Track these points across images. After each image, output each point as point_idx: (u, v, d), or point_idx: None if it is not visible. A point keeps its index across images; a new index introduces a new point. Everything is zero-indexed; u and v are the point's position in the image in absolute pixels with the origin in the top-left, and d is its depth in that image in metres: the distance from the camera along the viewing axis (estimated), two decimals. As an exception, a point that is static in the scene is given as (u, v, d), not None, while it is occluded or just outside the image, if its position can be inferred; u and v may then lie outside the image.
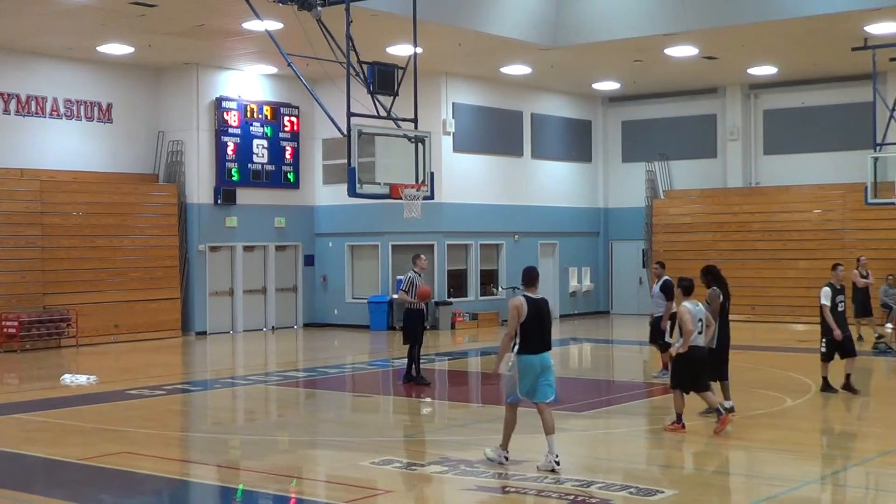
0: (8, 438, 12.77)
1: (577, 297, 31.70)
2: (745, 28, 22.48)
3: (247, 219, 27.05)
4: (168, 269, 25.65)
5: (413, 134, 14.64)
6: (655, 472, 11.12)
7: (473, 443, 12.50)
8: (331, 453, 12.33)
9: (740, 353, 17.95)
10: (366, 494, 9.97)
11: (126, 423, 13.77)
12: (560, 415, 14.26)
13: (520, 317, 10.58)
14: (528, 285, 10.85)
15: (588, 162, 32.29)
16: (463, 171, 27.67)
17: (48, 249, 23.49)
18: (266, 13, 16.83)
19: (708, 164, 30.81)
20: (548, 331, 10.78)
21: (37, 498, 9.98)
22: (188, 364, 22.19)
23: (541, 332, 10.67)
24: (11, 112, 23.66)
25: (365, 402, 16.35)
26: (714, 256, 29.38)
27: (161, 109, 26.33)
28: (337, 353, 23.55)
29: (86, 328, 23.69)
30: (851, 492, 10.36)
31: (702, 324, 12.67)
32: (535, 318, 10.61)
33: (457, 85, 27.61)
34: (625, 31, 23.19)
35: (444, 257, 27.53)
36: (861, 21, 21.59)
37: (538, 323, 10.64)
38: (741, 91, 29.99)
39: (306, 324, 28.67)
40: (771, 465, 11.11)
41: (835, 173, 28.36)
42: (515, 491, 9.90)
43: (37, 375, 19.43)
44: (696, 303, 12.78)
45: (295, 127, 27.95)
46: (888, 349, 21.03)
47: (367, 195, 14.54)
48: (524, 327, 10.60)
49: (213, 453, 12.19)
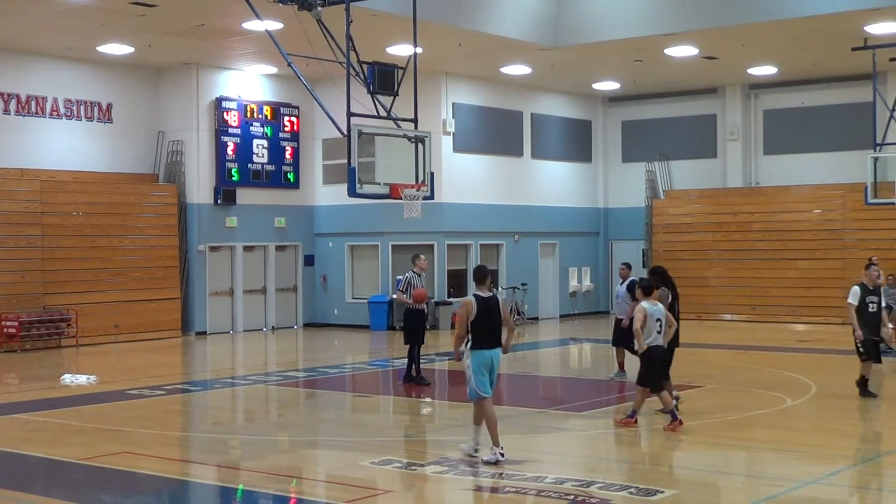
0: (8, 438, 12.77)
1: (577, 297, 31.70)
2: (745, 28, 22.47)
3: (247, 219, 27.05)
4: (168, 269, 25.65)
5: (413, 134, 14.64)
6: (655, 472, 11.13)
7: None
8: (331, 453, 12.33)
9: (740, 353, 18.04)
10: (366, 494, 9.97)
11: (126, 423, 13.76)
12: (560, 415, 14.27)
13: (469, 315, 10.97)
14: (479, 283, 11.29)
15: (588, 162, 32.30)
16: (463, 171, 27.67)
17: (48, 249, 23.49)
18: (266, 13, 16.83)
19: (708, 164, 30.81)
20: (498, 327, 11.12)
21: (37, 498, 9.98)
22: (188, 364, 22.19)
23: (490, 329, 11.04)
24: (11, 112, 23.66)
25: (365, 402, 16.34)
26: (714, 256, 29.47)
27: (161, 109, 26.33)
28: (337, 353, 23.55)
29: (86, 328, 23.69)
30: (851, 492, 10.36)
31: (660, 324, 12.76)
32: (484, 315, 11.00)
33: (457, 85, 27.61)
34: (625, 31, 23.19)
35: (444, 257, 27.53)
36: (861, 21, 21.59)
37: (488, 319, 11.02)
38: (741, 91, 29.99)
39: (306, 324, 28.67)
40: (771, 465, 11.11)
41: (835, 173, 28.35)
42: (515, 491, 9.90)
43: (37, 375, 19.43)
44: (655, 303, 12.86)
45: (295, 127, 27.95)
46: (888, 349, 21.02)
47: (367, 195, 14.54)
48: (474, 325, 10.98)
49: (213, 453, 12.19)
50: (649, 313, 12.65)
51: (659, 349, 12.75)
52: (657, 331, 12.69)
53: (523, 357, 21.57)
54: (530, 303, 29.31)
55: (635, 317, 12.76)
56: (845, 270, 26.93)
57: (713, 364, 17.48)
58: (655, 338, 12.68)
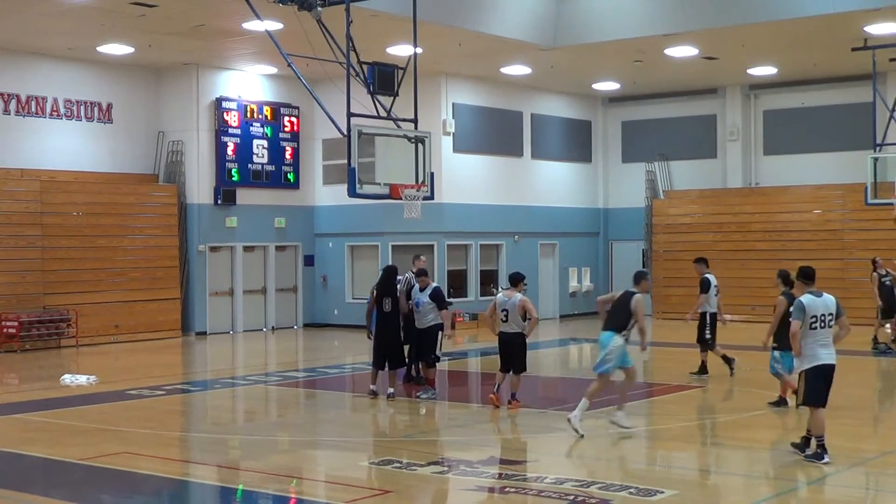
0: (8, 438, 12.78)
1: (577, 297, 31.69)
2: (745, 28, 22.47)
3: (247, 219, 27.05)
4: (168, 270, 25.64)
5: (413, 134, 14.65)
6: (655, 472, 11.13)
7: (473, 443, 12.52)
8: (331, 453, 12.34)
9: (740, 353, 17.97)
10: (366, 494, 9.97)
11: (126, 423, 13.77)
12: (560, 415, 14.26)
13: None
14: (637, 283, 13.10)
15: (588, 162, 32.30)
16: (463, 172, 27.67)
17: (48, 249, 23.49)
18: (266, 13, 16.84)
19: (708, 165, 30.81)
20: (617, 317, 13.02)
21: (37, 498, 9.98)
22: (188, 364, 22.20)
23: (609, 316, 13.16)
24: (11, 112, 23.66)
25: (365, 402, 16.34)
26: (714, 257, 29.35)
27: (161, 109, 26.33)
28: (337, 352, 23.55)
29: (86, 328, 23.68)
30: (851, 492, 10.36)
31: (506, 314, 14.37)
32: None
33: (457, 85, 27.61)
34: (625, 32, 23.19)
35: (444, 257, 27.52)
36: (861, 21, 21.60)
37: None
38: (741, 91, 29.99)
39: (306, 324, 28.67)
40: (771, 465, 11.11)
41: (835, 173, 28.35)
42: (515, 491, 9.90)
43: (37, 375, 19.42)
44: (511, 296, 14.46)
45: (295, 127, 27.95)
46: (888, 349, 21.03)
47: (367, 195, 14.55)
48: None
49: (213, 453, 12.20)
50: (498, 302, 14.70)
51: (504, 335, 14.81)
52: (501, 319, 14.64)
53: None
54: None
55: (526, 306, 14.50)
56: (845, 270, 26.94)
57: (713, 364, 17.45)
58: (502, 325, 14.66)
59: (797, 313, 11.01)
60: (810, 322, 10.96)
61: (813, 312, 10.98)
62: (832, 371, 11.11)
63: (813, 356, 10.99)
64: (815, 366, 11.00)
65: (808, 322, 10.96)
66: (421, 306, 15.64)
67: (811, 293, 11.18)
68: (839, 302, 11.24)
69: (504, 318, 14.49)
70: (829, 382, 11.15)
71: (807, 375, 11.05)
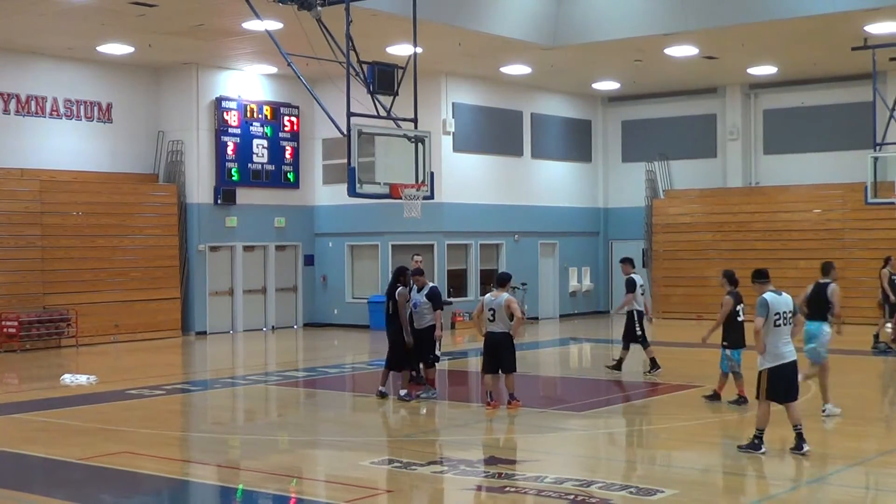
0: (8, 438, 12.77)
1: (577, 297, 31.70)
2: (745, 28, 22.47)
3: (247, 219, 27.05)
4: (168, 269, 25.64)
5: (413, 134, 14.65)
6: (655, 472, 11.12)
7: (473, 442, 12.52)
8: (331, 453, 12.34)
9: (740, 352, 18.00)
10: (366, 494, 9.97)
11: (126, 423, 13.77)
12: (560, 415, 14.28)
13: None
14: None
15: (588, 162, 32.30)
16: (463, 171, 27.67)
17: (48, 249, 23.49)
18: (266, 13, 16.84)
19: (708, 164, 30.81)
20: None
21: (37, 498, 9.99)
22: (188, 364, 22.19)
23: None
24: (11, 112, 23.65)
25: (365, 402, 16.33)
26: (714, 256, 29.42)
27: (161, 109, 26.33)
28: (337, 352, 23.54)
29: (86, 328, 23.68)
30: (851, 492, 10.36)
31: (493, 313, 14.33)
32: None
33: (457, 85, 27.61)
34: (625, 31, 23.19)
35: (444, 257, 27.52)
36: (861, 21, 21.60)
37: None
38: (741, 91, 29.98)
39: (306, 324, 28.67)
40: (771, 465, 11.11)
41: (835, 173, 28.35)
42: (515, 491, 9.90)
43: (37, 375, 19.42)
44: (497, 296, 14.31)
45: (295, 127, 27.95)
46: (888, 349, 21.03)
47: (367, 195, 14.55)
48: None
49: (213, 453, 12.19)
50: (485, 303, 14.49)
51: (491, 335, 14.58)
52: (489, 318, 14.47)
53: (523, 357, 21.52)
54: (530, 303, 29.29)
55: (511, 306, 14.32)
56: (845, 270, 26.89)
57: (713, 364, 17.44)
58: (489, 325, 14.47)
59: (761, 310, 11.41)
60: (774, 319, 11.33)
61: (776, 309, 11.39)
62: (795, 367, 11.56)
63: (777, 354, 11.34)
64: (779, 364, 11.35)
65: (773, 319, 11.32)
66: (418, 306, 15.50)
67: (772, 291, 11.59)
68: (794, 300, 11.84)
69: (491, 318, 14.44)
70: (795, 376, 11.58)
71: (769, 373, 11.37)
